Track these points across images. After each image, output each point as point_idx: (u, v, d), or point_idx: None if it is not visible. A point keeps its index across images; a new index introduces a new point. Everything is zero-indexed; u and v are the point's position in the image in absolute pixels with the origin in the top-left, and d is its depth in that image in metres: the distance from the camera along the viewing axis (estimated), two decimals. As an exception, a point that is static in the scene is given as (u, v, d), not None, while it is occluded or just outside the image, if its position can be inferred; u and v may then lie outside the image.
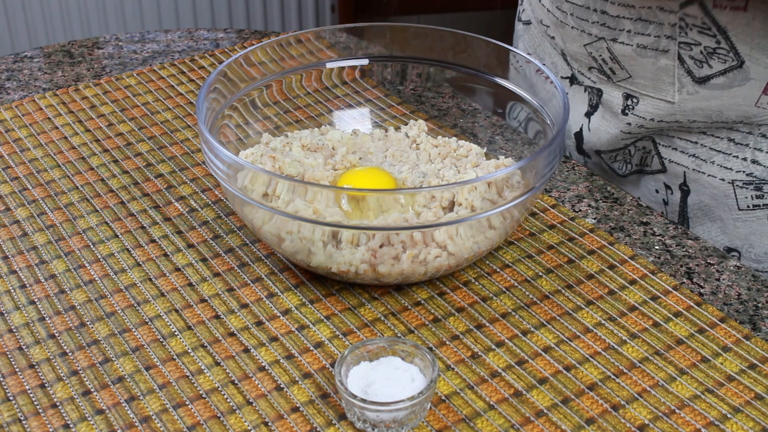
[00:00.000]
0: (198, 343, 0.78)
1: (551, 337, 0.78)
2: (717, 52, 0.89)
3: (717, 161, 0.95)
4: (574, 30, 0.99)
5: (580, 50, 1.00)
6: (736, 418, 0.71)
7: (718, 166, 0.95)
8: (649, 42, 0.92)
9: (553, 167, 0.81)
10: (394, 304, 0.82)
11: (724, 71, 0.90)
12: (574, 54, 1.01)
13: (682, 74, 0.92)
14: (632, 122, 0.98)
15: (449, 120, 1.05)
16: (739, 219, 0.96)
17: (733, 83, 0.90)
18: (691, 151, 0.96)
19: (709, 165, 0.96)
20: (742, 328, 0.79)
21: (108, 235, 0.91)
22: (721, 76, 0.90)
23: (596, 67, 0.99)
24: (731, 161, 0.94)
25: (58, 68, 1.23)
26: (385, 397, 0.69)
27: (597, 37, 0.97)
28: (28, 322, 0.81)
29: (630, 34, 0.93)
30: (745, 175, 0.94)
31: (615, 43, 0.95)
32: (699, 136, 0.95)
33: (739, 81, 0.90)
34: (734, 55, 0.88)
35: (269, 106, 0.98)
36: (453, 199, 0.81)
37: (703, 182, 0.97)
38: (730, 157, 0.94)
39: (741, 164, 0.94)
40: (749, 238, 0.96)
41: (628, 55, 0.95)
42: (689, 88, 0.92)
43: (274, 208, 0.78)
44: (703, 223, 0.99)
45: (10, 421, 0.72)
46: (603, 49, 0.97)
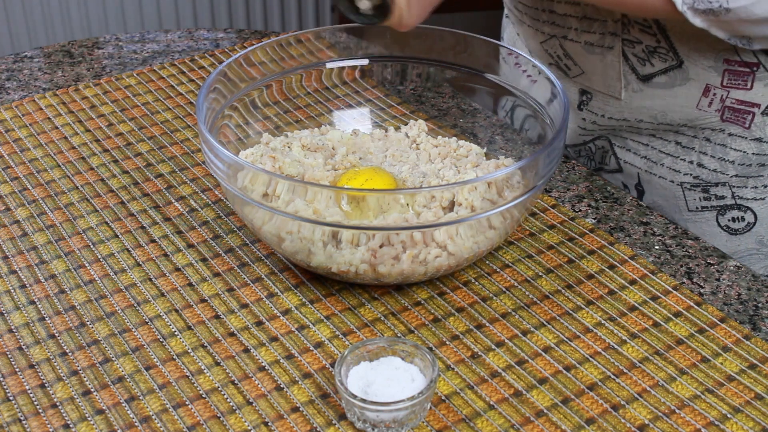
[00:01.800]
0: (198, 343, 0.78)
1: (551, 337, 0.78)
2: (658, 51, 0.91)
3: (666, 163, 0.97)
4: (530, 28, 1.02)
5: (538, 47, 1.02)
6: (736, 418, 0.71)
7: (668, 168, 0.97)
8: (595, 39, 0.95)
9: (553, 167, 0.81)
10: (394, 304, 0.82)
11: (665, 70, 0.91)
12: (535, 50, 1.03)
13: (627, 71, 0.94)
14: (587, 118, 1.01)
15: (449, 120, 1.05)
16: (690, 220, 0.98)
17: (675, 82, 0.92)
18: (642, 152, 0.98)
19: (659, 167, 0.98)
20: (742, 328, 0.79)
21: (108, 235, 0.91)
22: (663, 74, 0.92)
23: (554, 63, 1.01)
24: (679, 164, 0.96)
25: (58, 68, 1.23)
26: (385, 397, 0.69)
27: (549, 35, 0.99)
28: (28, 322, 0.81)
29: (577, 32, 0.96)
30: (692, 178, 0.96)
31: (566, 41, 0.97)
32: (649, 139, 0.97)
33: (679, 80, 0.91)
34: (674, 55, 0.90)
35: (269, 106, 0.98)
36: (453, 199, 0.81)
37: (655, 183, 0.99)
38: (677, 160, 0.96)
39: (688, 167, 0.95)
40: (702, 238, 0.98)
41: (578, 52, 0.97)
42: (634, 86, 0.94)
43: (274, 208, 0.78)
44: None
45: (10, 421, 0.72)
46: (557, 46, 0.99)
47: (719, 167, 0.94)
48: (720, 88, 0.90)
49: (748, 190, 0.94)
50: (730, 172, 0.94)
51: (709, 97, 0.91)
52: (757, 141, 0.92)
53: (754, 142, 0.92)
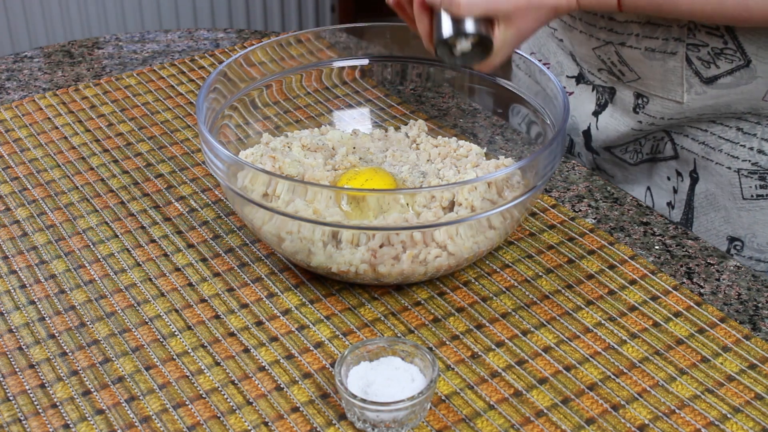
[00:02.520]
0: (198, 343, 0.78)
1: (551, 337, 0.78)
2: (724, 53, 0.90)
3: (725, 149, 0.96)
4: (582, 34, 1.00)
5: (589, 53, 1.00)
6: (736, 418, 0.71)
7: (726, 154, 0.96)
8: (657, 45, 0.93)
9: (553, 167, 0.81)
10: (394, 304, 0.82)
11: (731, 71, 0.90)
12: (583, 56, 1.02)
13: (690, 75, 0.93)
14: (643, 120, 0.99)
15: (449, 120, 1.05)
16: (743, 208, 0.97)
17: (740, 82, 0.91)
18: (701, 138, 0.97)
19: (717, 153, 0.97)
20: (742, 328, 0.79)
21: (108, 235, 0.91)
22: (729, 75, 0.91)
23: (605, 68, 1.00)
24: (738, 150, 0.95)
25: (58, 68, 1.23)
26: (385, 397, 0.69)
27: (605, 41, 0.97)
28: (28, 322, 0.81)
29: (638, 38, 0.94)
30: (750, 165, 0.95)
31: (623, 47, 0.96)
32: (709, 125, 0.96)
33: (746, 80, 0.90)
34: (741, 55, 0.89)
35: (269, 106, 0.98)
36: (453, 199, 0.81)
37: (711, 170, 0.98)
38: (737, 146, 0.95)
39: (747, 153, 0.94)
40: (752, 228, 0.97)
41: (636, 58, 0.96)
42: (697, 89, 0.93)
43: (274, 208, 0.78)
44: (707, 213, 1.00)
45: (10, 421, 0.72)
46: (611, 52, 0.97)
47: None
48: None
49: None
50: None
51: None
52: None
53: None
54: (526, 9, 0.81)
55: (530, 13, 0.82)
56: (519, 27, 0.82)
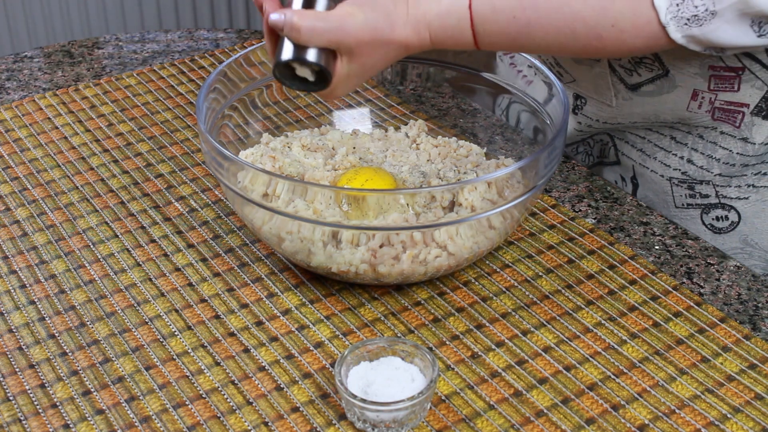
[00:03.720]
0: (198, 343, 0.78)
1: (551, 337, 0.78)
2: (643, 61, 0.90)
3: (659, 158, 0.97)
4: None
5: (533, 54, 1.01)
6: (736, 418, 0.71)
7: (659, 162, 0.97)
8: None
9: (553, 167, 0.81)
10: (394, 304, 0.82)
11: (652, 79, 0.91)
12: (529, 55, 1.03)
13: (615, 81, 0.94)
14: (582, 121, 1.01)
15: (449, 120, 1.05)
16: (676, 217, 0.98)
17: (662, 90, 0.92)
18: (638, 145, 0.98)
19: (652, 161, 0.98)
20: (742, 328, 0.79)
21: (108, 235, 0.91)
22: (650, 83, 0.92)
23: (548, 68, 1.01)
24: (670, 159, 0.96)
25: (58, 68, 1.23)
26: (385, 397, 0.69)
27: None
28: (28, 322, 0.81)
29: None
30: (680, 174, 0.96)
31: None
32: (646, 132, 0.97)
33: (667, 88, 0.91)
34: (659, 65, 0.90)
35: (269, 106, 0.98)
36: (453, 199, 0.81)
37: (647, 177, 0.99)
38: (669, 155, 0.96)
39: (678, 162, 0.96)
40: None
41: (568, 62, 0.97)
42: (624, 94, 0.94)
43: (274, 208, 0.78)
44: None
45: (10, 421, 0.72)
46: (548, 55, 0.98)
47: (705, 164, 0.94)
48: (708, 92, 0.90)
49: (731, 189, 0.95)
50: (715, 171, 0.94)
51: (697, 101, 0.91)
52: (743, 140, 0.92)
53: (741, 141, 0.92)
54: (371, 45, 0.77)
55: (376, 50, 0.77)
56: (364, 62, 0.78)
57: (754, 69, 0.88)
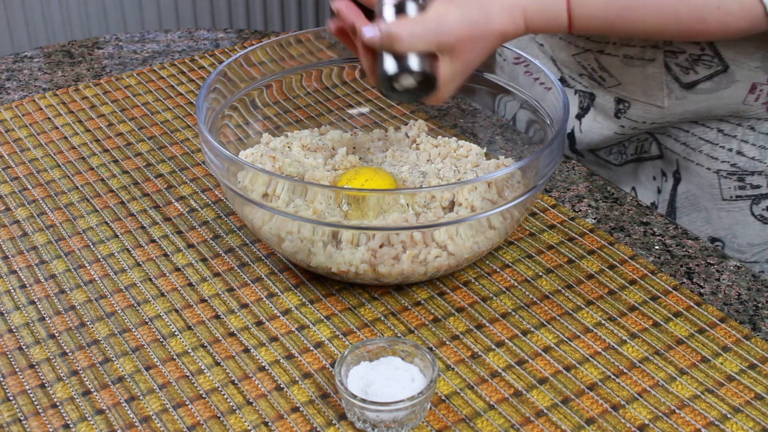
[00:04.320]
0: (198, 343, 0.78)
1: (551, 337, 0.78)
2: (702, 59, 0.89)
3: (705, 150, 0.96)
4: (562, 41, 1.00)
5: (569, 59, 1.00)
6: (736, 418, 0.71)
7: (706, 155, 0.96)
8: (635, 52, 0.93)
9: (553, 167, 0.81)
10: (394, 304, 0.82)
11: (710, 76, 0.90)
12: (564, 61, 1.02)
13: (669, 81, 0.93)
14: (626, 125, 0.99)
15: (449, 120, 1.05)
16: (723, 209, 0.97)
17: (720, 87, 0.91)
18: (682, 139, 0.98)
19: (697, 154, 0.97)
20: (742, 328, 0.79)
21: (108, 235, 0.91)
22: (708, 81, 0.91)
23: (586, 74, 1.00)
24: (718, 151, 0.95)
25: (58, 68, 1.23)
26: (385, 397, 0.69)
27: (584, 48, 0.97)
28: (28, 322, 0.81)
29: (616, 46, 0.94)
30: (729, 166, 0.95)
31: (602, 55, 0.96)
32: (690, 125, 0.97)
33: (725, 84, 0.90)
34: (719, 61, 0.89)
35: (269, 106, 0.98)
36: (453, 199, 0.81)
37: (692, 171, 0.98)
38: (717, 147, 0.95)
39: (726, 154, 0.95)
40: (732, 228, 0.98)
41: (615, 65, 0.96)
42: (677, 93, 0.93)
43: (274, 208, 0.78)
44: (689, 213, 1.00)
45: (10, 421, 0.72)
46: (591, 59, 0.97)
47: (758, 155, 0.93)
48: (767, 84, 0.89)
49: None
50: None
51: (755, 93, 0.90)
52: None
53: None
54: (470, 40, 0.76)
55: (476, 44, 0.77)
56: (465, 59, 0.77)
57: None
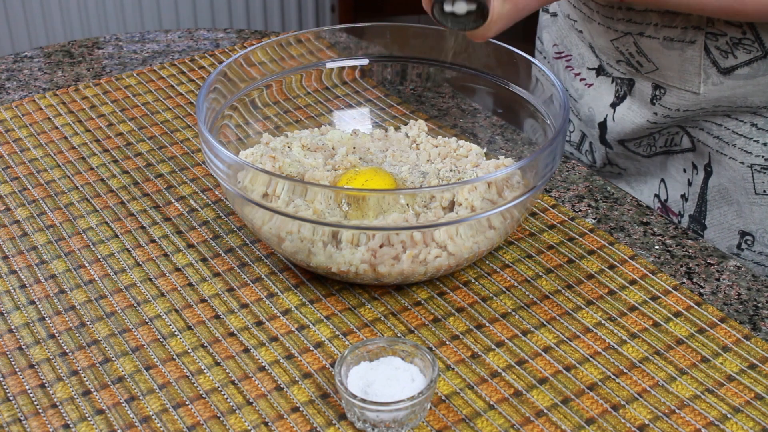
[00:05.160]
0: (198, 343, 0.78)
1: (551, 337, 0.78)
2: (742, 43, 0.90)
3: (738, 144, 0.96)
4: (600, 26, 1.00)
5: (608, 44, 1.01)
6: (736, 418, 0.71)
7: (739, 149, 0.96)
8: (676, 34, 0.94)
9: (553, 167, 0.81)
10: (394, 304, 0.82)
11: (749, 61, 0.91)
12: (602, 48, 1.02)
13: (707, 65, 0.93)
14: (659, 112, 1.00)
15: (449, 120, 1.05)
16: (756, 203, 0.97)
17: (757, 73, 0.91)
18: (715, 132, 0.98)
19: (730, 148, 0.97)
20: (742, 328, 0.79)
21: (108, 235, 0.91)
22: (746, 66, 0.91)
23: (624, 60, 1.01)
24: (752, 145, 0.95)
25: (58, 68, 1.23)
26: (385, 397, 0.69)
27: (623, 32, 0.98)
28: (28, 322, 0.81)
29: (657, 28, 0.95)
30: (764, 160, 0.95)
31: (642, 37, 0.96)
32: (723, 119, 0.97)
33: (763, 71, 0.91)
34: (759, 45, 0.89)
35: (269, 106, 0.98)
36: (453, 199, 0.81)
37: (725, 164, 0.98)
38: (751, 142, 0.95)
39: (761, 149, 0.95)
40: (764, 223, 0.98)
41: (654, 48, 0.96)
42: (714, 79, 0.94)
43: (274, 208, 0.78)
44: (720, 206, 1.00)
45: (10, 421, 0.72)
46: (630, 43, 0.98)
47: None
48: None
49: None
50: None
51: None
52: None
53: None
54: None
55: None
56: (517, 2, 0.81)
57: None
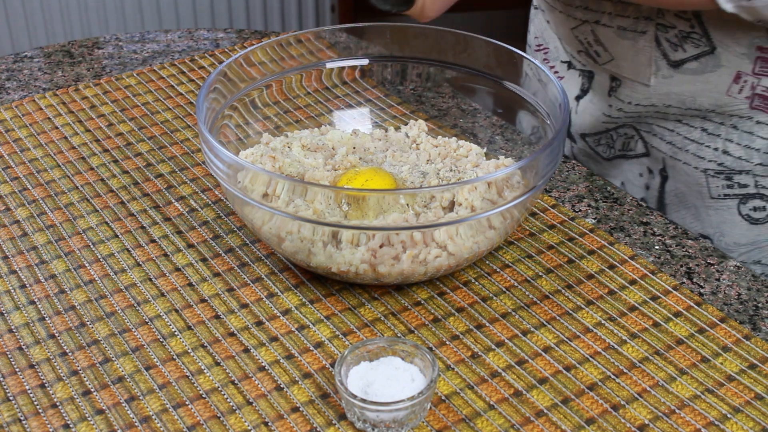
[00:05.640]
0: (198, 343, 0.78)
1: (551, 337, 0.78)
2: (691, 36, 0.91)
3: (691, 150, 0.97)
4: (561, 14, 1.02)
5: (568, 33, 1.02)
6: (736, 418, 0.71)
7: (692, 154, 0.97)
8: (629, 24, 0.95)
9: (553, 167, 0.81)
10: (394, 304, 0.82)
11: (697, 56, 0.91)
12: (565, 37, 1.04)
13: (658, 56, 0.94)
14: (613, 105, 1.01)
15: (449, 120, 1.05)
16: (711, 207, 0.98)
17: (706, 69, 0.92)
18: (668, 138, 0.99)
19: (684, 153, 0.98)
20: (742, 328, 0.79)
21: (108, 235, 0.91)
22: (694, 60, 0.92)
23: (583, 50, 1.02)
24: (704, 150, 0.96)
25: (58, 68, 1.23)
26: (385, 397, 0.69)
27: (581, 20, 0.99)
28: (28, 322, 0.81)
29: (611, 17, 0.96)
30: (716, 165, 0.96)
31: (598, 26, 0.98)
32: (675, 125, 0.98)
33: (710, 67, 0.91)
34: (707, 41, 0.90)
35: (269, 106, 0.98)
36: (453, 199, 0.81)
37: (679, 169, 0.99)
38: (702, 147, 0.96)
39: (713, 154, 0.96)
40: (720, 227, 0.98)
41: (610, 37, 0.97)
42: (664, 72, 0.94)
43: (274, 208, 0.78)
44: (678, 210, 1.01)
45: (10, 421, 0.72)
46: (588, 32, 0.99)
47: (744, 155, 0.94)
48: (751, 75, 0.90)
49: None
50: (755, 160, 0.94)
51: (739, 84, 0.90)
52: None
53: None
54: None
55: None
56: None
57: None
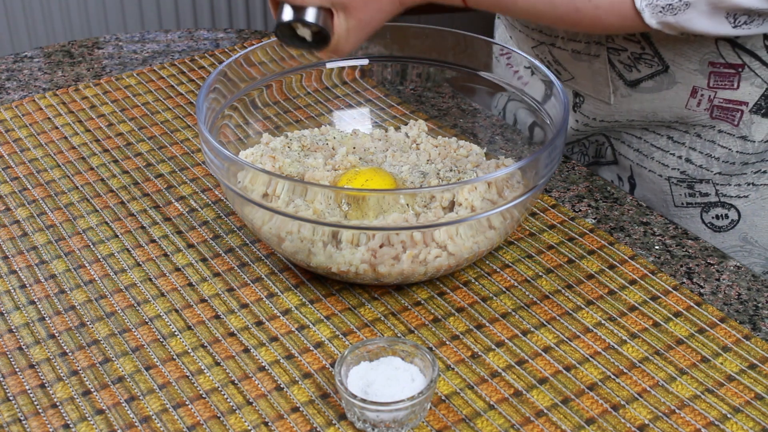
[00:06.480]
0: (198, 343, 0.78)
1: (551, 337, 0.78)
2: (643, 57, 0.91)
3: (656, 157, 0.98)
4: (521, 33, 1.02)
5: (530, 51, 1.03)
6: (736, 418, 0.71)
7: (657, 162, 0.98)
8: (581, 47, 0.95)
9: (553, 167, 0.81)
10: (394, 304, 0.82)
11: (651, 75, 0.92)
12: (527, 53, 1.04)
13: (614, 77, 0.95)
14: (579, 119, 1.01)
15: (449, 120, 1.05)
16: (676, 215, 0.98)
17: (662, 86, 0.92)
18: (635, 145, 0.99)
19: (649, 161, 0.98)
20: (742, 328, 0.79)
21: (108, 235, 0.91)
22: (650, 80, 0.92)
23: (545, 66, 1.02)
24: (668, 158, 0.97)
25: (58, 68, 1.23)
26: (385, 397, 0.69)
27: (539, 41, 0.99)
28: (28, 322, 0.81)
29: (564, 40, 0.97)
30: (679, 173, 0.96)
31: (554, 48, 0.98)
32: (642, 132, 0.98)
33: (666, 85, 0.92)
34: (659, 60, 0.90)
35: (269, 106, 0.98)
36: (453, 199, 0.81)
37: (645, 177, 1.00)
38: (667, 155, 0.97)
39: (676, 162, 0.96)
40: None
41: (566, 58, 0.98)
42: (623, 91, 0.95)
43: (274, 208, 0.78)
44: None
45: (10, 421, 0.72)
46: (546, 52, 1.00)
47: (705, 163, 0.95)
48: (707, 89, 0.90)
49: (731, 187, 0.95)
50: (714, 169, 0.94)
51: (696, 98, 0.91)
52: (743, 139, 0.92)
53: (740, 139, 0.93)
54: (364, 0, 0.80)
55: (370, 4, 0.80)
56: (360, 18, 0.80)
57: (754, 66, 0.88)
